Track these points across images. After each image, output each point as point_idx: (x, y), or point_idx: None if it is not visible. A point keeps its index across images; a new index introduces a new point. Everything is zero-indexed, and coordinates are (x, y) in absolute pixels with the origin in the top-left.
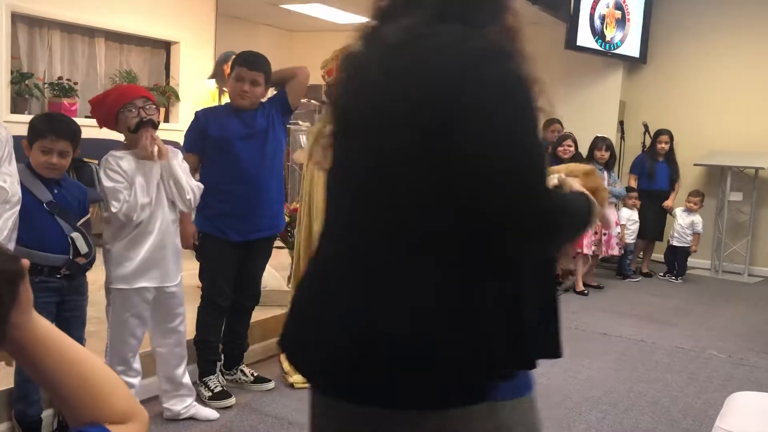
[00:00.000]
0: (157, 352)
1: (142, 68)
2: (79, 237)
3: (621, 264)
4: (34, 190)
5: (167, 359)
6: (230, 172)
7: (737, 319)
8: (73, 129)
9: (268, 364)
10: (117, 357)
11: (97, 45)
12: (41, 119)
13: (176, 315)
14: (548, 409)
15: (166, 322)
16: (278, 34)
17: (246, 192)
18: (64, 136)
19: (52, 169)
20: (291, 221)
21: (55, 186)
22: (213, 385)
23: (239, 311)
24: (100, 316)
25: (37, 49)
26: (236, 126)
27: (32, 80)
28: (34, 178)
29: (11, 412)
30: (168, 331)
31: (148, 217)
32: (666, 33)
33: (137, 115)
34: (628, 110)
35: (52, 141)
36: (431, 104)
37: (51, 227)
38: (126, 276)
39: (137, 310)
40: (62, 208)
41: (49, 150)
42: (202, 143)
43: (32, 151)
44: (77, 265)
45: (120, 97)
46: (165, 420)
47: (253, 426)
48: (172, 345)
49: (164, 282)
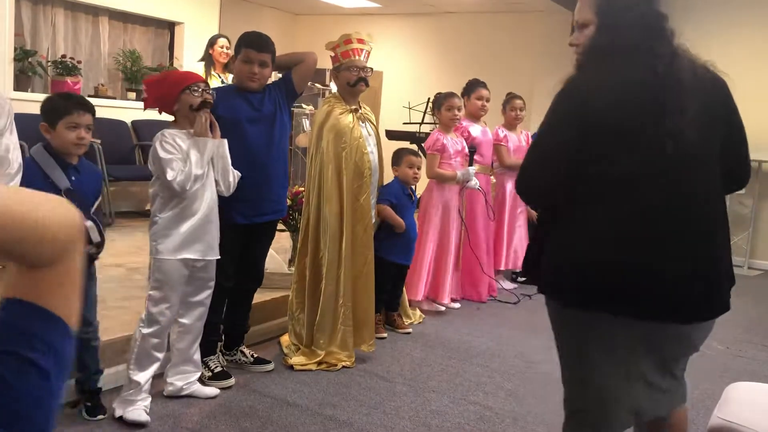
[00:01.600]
0: (178, 323)
1: (145, 48)
2: (92, 227)
3: None
4: (52, 175)
5: (188, 330)
6: (238, 155)
7: (736, 312)
8: (91, 103)
9: (268, 345)
10: (154, 329)
11: (100, 24)
12: (59, 98)
13: (207, 288)
14: (545, 396)
15: (195, 295)
16: (283, 17)
17: (253, 176)
18: (89, 110)
19: (81, 144)
20: (293, 204)
21: (73, 172)
22: (213, 365)
23: (242, 293)
24: (102, 295)
25: (40, 26)
26: (245, 108)
27: (35, 58)
28: (53, 162)
29: None
30: (196, 304)
31: (197, 191)
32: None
33: (201, 96)
34: None
35: (79, 116)
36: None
37: None
38: (172, 247)
39: (178, 282)
40: (78, 197)
41: (77, 125)
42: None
43: (56, 131)
44: (87, 254)
45: (183, 79)
46: (165, 397)
47: (251, 406)
48: (196, 318)
49: (207, 255)
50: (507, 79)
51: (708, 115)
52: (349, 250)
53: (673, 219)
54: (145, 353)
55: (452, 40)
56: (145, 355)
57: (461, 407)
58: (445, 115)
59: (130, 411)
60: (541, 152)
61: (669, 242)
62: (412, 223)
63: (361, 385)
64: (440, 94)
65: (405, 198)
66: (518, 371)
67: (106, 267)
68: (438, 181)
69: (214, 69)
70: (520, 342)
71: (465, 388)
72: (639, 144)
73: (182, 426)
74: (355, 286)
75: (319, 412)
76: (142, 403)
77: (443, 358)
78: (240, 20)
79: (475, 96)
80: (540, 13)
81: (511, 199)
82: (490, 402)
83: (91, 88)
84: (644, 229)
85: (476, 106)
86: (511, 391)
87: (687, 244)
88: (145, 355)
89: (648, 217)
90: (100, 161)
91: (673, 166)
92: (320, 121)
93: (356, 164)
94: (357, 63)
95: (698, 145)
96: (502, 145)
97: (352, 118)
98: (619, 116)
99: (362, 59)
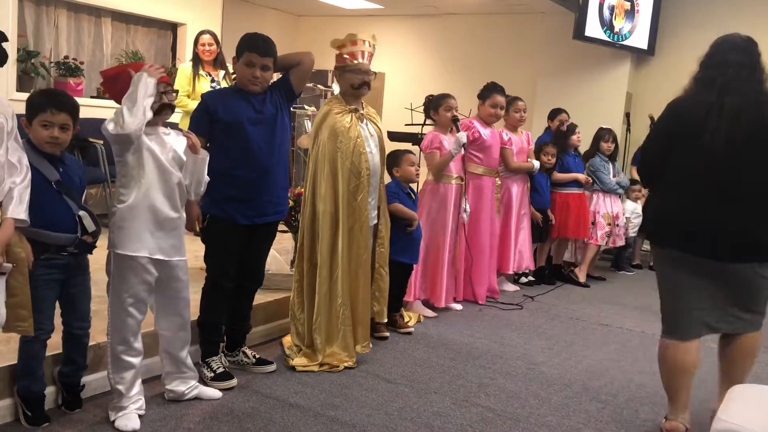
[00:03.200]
0: (160, 334)
1: (148, 49)
2: (86, 215)
3: (618, 256)
4: (41, 168)
5: (170, 342)
6: (239, 156)
7: None
8: (72, 102)
9: (270, 346)
10: (119, 336)
11: (103, 25)
12: (39, 94)
13: (181, 299)
14: (548, 398)
15: (172, 305)
16: (285, 18)
17: (254, 177)
18: (64, 108)
19: (55, 143)
20: (295, 205)
21: (60, 164)
22: (215, 366)
23: (243, 293)
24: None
25: (43, 27)
26: (246, 110)
27: (38, 59)
28: (39, 156)
29: (14, 388)
30: (174, 316)
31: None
32: (674, 25)
33: (159, 100)
34: (634, 102)
35: (52, 114)
36: None
37: (60, 206)
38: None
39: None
40: (69, 187)
41: (50, 123)
42: (209, 126)
43: (32, 127)
44: (84, 243)
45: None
46: (167, 400)
47: (254, 407)
48: (177, 328)
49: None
50: (508, 80)
51: (752, 134)
52: (345, 250)
53: (715, 200)
54: (119, 360)
55: (454, 41)
56: (119, 361)
57: (463, 409)
58: (443, 116)
59: (120, 417)
60: (647, 151)
61: (711, 211)
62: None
63: (363, 386)
64: (434, 96)
65: (406, 197)
66: (520, 373)
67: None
68: (435, 180)
69: (202, 68)
70: (523, 343)
71: (467, 390)
72: (693, 147)
73: (184, 427)
74: (350, 286)
75: (321, 413)
76: (134, 406)
77: (445, 359)
78: (242, 21)
79: (490, 102)
80: (541, 15)
81: (517, 202)
82: (492, 404)
83: (94, 89)
84: (695, 204)
85: (489, 113)
86: (514, 393)
87: (724, 213)
88: (119, 361)
89: (698, 197)
90: (101, 161)
91: (720, 165)
92: (318, 121)
93: (353, 164)
94: (362, 66)
95: (745, 153)
96: (507, 148)
97: (351, 119)
98: (681, 126)
99: (366, 62)
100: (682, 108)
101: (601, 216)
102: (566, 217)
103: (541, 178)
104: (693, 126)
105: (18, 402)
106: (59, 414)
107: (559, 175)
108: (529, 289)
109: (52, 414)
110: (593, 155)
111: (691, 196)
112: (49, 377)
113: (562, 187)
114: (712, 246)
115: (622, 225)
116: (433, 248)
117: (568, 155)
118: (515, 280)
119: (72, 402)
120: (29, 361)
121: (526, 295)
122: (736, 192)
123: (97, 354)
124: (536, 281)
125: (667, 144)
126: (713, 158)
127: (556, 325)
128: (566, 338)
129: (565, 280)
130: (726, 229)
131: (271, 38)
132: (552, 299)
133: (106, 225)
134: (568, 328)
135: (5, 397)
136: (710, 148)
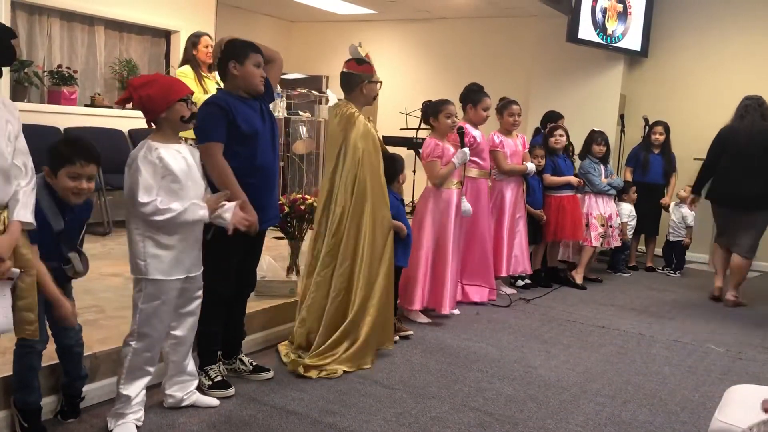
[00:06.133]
0: (171, 335)
1: (141, 57)
2: (75, 257)
3: (613, 258)
4: (49, 216)
5: (181, 342)
6: (250, 164)
7: (735, 313)
8: (98, 152)
9: (267, 353)
10: (144, 343)
11: (96, 33)
12: (65, 144)
13: (197, 298)
14: (546, 402)
15: (186, 306)
16: (278, 24)
17: (260, 184)
18: (93, 160)
19: (80, 194)
20: (291, 211)
21: (69, 212)
22: (213, 374)
23: (238, 299)
24: (100, 305)
25: (36, 36)
26: (257, 119)
27: (32, 68)
28: (53, 204)
29: (10, 400)
30: (188, 315)
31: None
32: (667, 27)
33: (190, 109)
34: (628, 104)
35: (81, 166)
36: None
37: (52, 248)
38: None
39: (172, 297)
40: (68, 236)
41: (78, 176)
42: (226, 131)
43: (58, 178)
44: (65, 275)
45: (180, 87)
46: (165, 408)
47: (251, 415)
48: (189, 329)
49: (192, 271)
50: (502, 83)
51: (763, 147)
52: (380, 248)
53: (739, 183)
54: (137, 368)
55: (447, 45)
56: (137, 369)
57: (461, 413)
58: (444, 123)
59: (120, 425)
60: (708, 157)
61: (736, 186)
62: (408, 224)
63: (360, 392)
64: (433, 102)
65: (399, 204)
66: (518, 376)
67: (104, 276)
68: (437, 187)
69: (201, 70)
70: (520, 347)
71: (465, 394)
72: (730, 156)
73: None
74: (387, 283)
75: (319, 419)
76: (133, 416)
77: (442, 364)
78: (236, 28)
79: (482, 106)
80: (534, 18)
81: (511, 205)
82: (490, 408)
83: (88, 97)
84: (730, 183)
85: (481, 117)
86: (511, 397)
87: (741, 186)
88: (137, 369)
89: (732, 183)
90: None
91: (746, 165)
92: (343, 123)
93: (378, 162)
94: (378, 79)
95: (759, 161)
96: (499, 150)
97: (367, 122)
98: (725, 143)
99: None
100: (724, 132)
101: (594, 218)
102: (562, 220)
103: (533, 179)
104: (728, 143)
105: (15, 413)
106: (56, 423)
107: (553, 179)
108: (526, 292)
109: (50, 424)
110: (584, 158)
111: (727, 183)
112: (51, 387)
113: (557, 191)
114: (734, 201)
115: (616, 226)
116: (440, 257)
117: (559, 158)
118: (512, 284)
119: (67, 411)
120: (25, 373)
121: (522, 298)
122: (753, 177)
123: (93, 364)
124: (533, 284)
125: (720, 154)
126: (742, 162)
127: (553, 328)
128: (563, 341)
129: (562, 283)
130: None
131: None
132: (549, 302)
133: (100, 233)
134: (564, 330)
135: (1, 409)
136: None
